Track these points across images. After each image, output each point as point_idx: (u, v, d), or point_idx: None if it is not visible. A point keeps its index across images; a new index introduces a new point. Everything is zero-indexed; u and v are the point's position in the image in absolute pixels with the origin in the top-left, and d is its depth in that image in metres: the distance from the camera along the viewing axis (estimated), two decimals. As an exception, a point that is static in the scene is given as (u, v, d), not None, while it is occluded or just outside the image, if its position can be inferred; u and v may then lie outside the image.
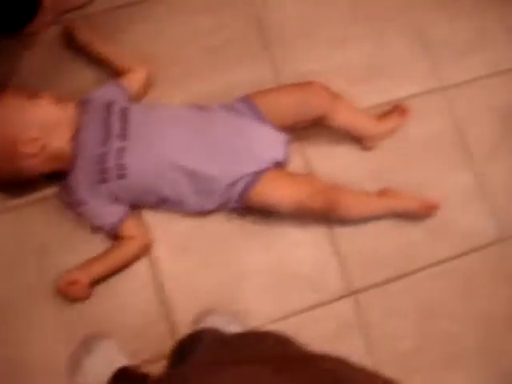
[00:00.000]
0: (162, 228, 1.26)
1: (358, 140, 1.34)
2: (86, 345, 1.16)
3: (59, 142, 1.18)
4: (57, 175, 1.22)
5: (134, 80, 1.28)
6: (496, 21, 1.52)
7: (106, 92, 1.25)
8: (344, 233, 1.31)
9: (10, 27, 1.23)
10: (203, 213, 1.26)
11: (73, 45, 1.30)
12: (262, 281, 1.27)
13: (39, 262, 1.22)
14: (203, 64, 1.36)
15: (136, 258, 1.23)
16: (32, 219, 1.24)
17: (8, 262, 1.22)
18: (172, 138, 1.18)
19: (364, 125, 1.31)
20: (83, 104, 1.23)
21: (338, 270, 1.29)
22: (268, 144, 1.23)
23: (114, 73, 1.28)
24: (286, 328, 1.22)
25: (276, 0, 1.43)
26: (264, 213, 1.26)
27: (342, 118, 1.28)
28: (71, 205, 1.21)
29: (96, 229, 1.22)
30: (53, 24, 1.33)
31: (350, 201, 1.25)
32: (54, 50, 1.33)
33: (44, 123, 1.16)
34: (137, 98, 1.29)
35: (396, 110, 1.37)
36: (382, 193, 1.31)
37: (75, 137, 1.19)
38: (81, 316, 1.20)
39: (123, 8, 1.38)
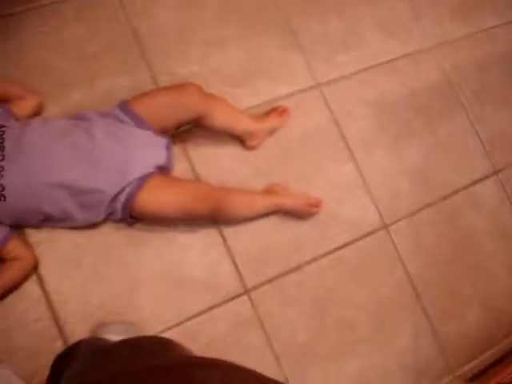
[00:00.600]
0: (47, 245, 1.23)
1: (240, 140, 1.37)
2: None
3: None
4: None
5: (24, 107, 1.24)
6: (365, 18, 1.59)
7: None
8: (233, 232, 1.32)
9: None
10: (89, 224, 1.23)
11: None
12: (156, 288, 1.26)
13: None
14: (80, 73, 1.34)
15: (23, 278, 1.19)
16: None
17: None
18: (51, 154, 1.15)
19: (241, 123, 1.33)
20: None
21: (231, 269, 1.31)
22: (148, 149, 1.23)
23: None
24: (184, 332, 1.25)
25: (147, 6, 1.43)
26: (151, 220, 1.25)
27: (219, 117, 1.29)
28: None
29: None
30: None
31: (236, 202, 1.27)
32: None
33: None
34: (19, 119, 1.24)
35: (275, 110, 1.40)
36: (268, 191, 1.34)
37: None
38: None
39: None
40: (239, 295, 1.31)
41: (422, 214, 1.49)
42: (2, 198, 1.12)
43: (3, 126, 1.16)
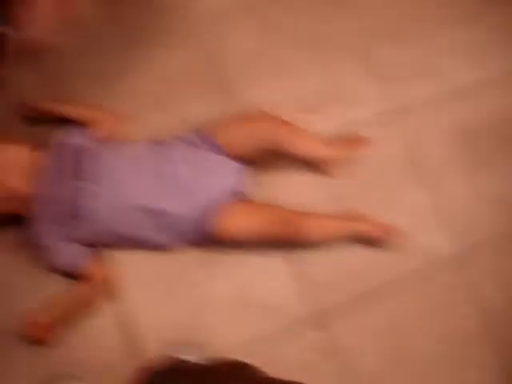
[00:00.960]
0: (124, 264, 1.27)
1: (315, 166, 1.37)
2: (57, 384, 1.16)
3: (14, 183, 1.18)
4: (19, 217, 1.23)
5: (103, 130, 1.29)
6: (443, 45, 1.57)
7: (71, 137, 1.26)
8: (305, 256, 1.32)
9: None
10: (165, 248, 1.27)
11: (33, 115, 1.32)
12: (227, 309, 1.28)
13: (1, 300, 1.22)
14: (158, 98, 1.39)
15: (98, 296, 1.24)
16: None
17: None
18: (132, 179, 1.20)
19: (316, 150, 1.34)
20: (46, 147, 1.24)
21: (301, 293, 1.31)
22: (224, 174, 1.25)
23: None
24: (251, 355, 1.23)
25: (224, 33, 1.47)
26: (226, 243, 1.27)
27: (295, 144, 1.30)
28: (32, 245, 1.22)
29: (56, 269, 1.22)
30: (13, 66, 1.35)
31: (311, 225, 1.27)
32: (15, 94, 1.34)
33: (1, 163, 1.17)
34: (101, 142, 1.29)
35: (351, 137, 1.40)
36: (344, 216, 1.33)
37: (36, 179, 1.19)
38: (48, 357, 1.19)
39: (79, 50, 1.40)
40: (308, 320, 1.30)
41: (499, 243, 1.44)
42: (84, 218, 1.18)
43: (88, 150, 1.22)
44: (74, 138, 1.26)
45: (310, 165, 1.37)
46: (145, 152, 1.25)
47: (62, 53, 1.39)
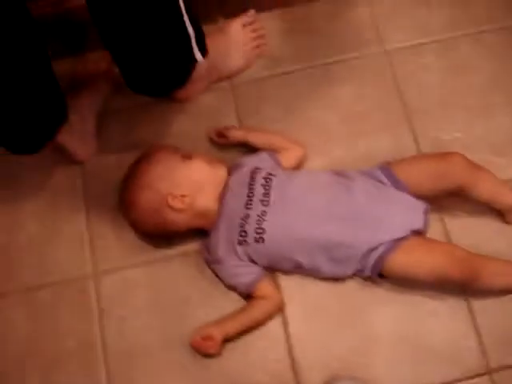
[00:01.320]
0: (295, 289, 1.28)
1: (500, 213, 1.31)
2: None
3: (206, 200, 1.25)
4: (200, 231, 1.29)
5: (289, 157, 1.33)
6: None
7: (257, 159, 1.31)
8: (483, 306, 1.25)
9: (163, 90, 1.32)
10: (337, 278, 1.26)
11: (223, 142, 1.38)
12: (394, 350, 1.24)
13: (177, 313, 1.28)
14: (344, 131, 1.41)
15: (268, 318, 1.25)
16: (174, 272, 1.30)
17: (148, 311, 1.28)
18: (311, 205, 1.22)
19: (506, 198, 1.27)
20: (233, 168, 1.30)
21: (475, 345, 1.23)
22: (406, 212, 1.23)
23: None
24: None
25: (416, 70, 1.46)
26: (398, 281, 1.24)
27: (483, 190, 1.25)
28: (209, 262, 1.27)
29: (231, 287, 1.27)
30: (205, 91, 1.44)
31: (492, 270, 1.21)
32: (204, 116, 1.43)
33: (194, 181, 1.24)
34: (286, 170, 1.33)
35: None
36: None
37: (221, 197, 1.25)
38: (212, 371, 1.23)
39: (270, 78, 1.46)
40: (481, 374, 1.22)
41: None
42: (261, 240, 1.21)
43: (272, 175, 1.26)
44: (262, 162, 1.30)
45: (495, 212, 1.31)
46: (327, 181, 1.26)
47: (252, 81, 1.46)
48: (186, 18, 1.14)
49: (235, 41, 1.43)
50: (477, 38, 1.49)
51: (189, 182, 1.24)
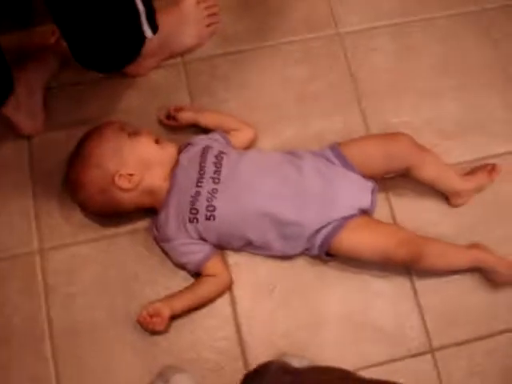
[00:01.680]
0: (244, 267, 1.29)
1: (445, 195, 1.34)
2: (163, 376, 1.19)
3: (155, 179, 1.24)
4: (149, 210, 1.28)
5: (240, 138, 1.33)
6: None
7: (208, 139, 1.31)
8: (426, 286, 1.29)
9: (111, 65, 1.29)
10: (286, 257, 1.27)
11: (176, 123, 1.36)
12: (339, 329, 1.26)
13: (124, 290, 1.27)
14: (296, 111, 1.41)
15: (217, 295, 1.26)
16: (122, 249, 1.29)
17: (95, 288, 1.27)
18: (262, 184, 1.22)
19: (450, 181, 1.31)
20: (183, 146, 1.29)
21: (418, 324, 1.27)
22: (355, 191, 1.25)
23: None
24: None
25: (368, 53, 1.47)
26: (346, 260, 1.26)
27: (429, 171, 1.28)
28: (159, 240, 1.27)
29: (180, 265, 1.26)
30: (156, 67, 1.42)
31: (436, 251, 1.24)
32: (154, 93, 1.41)
33: (142, 160, 1.23)
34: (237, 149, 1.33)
35: (485, 167, 1.35)
36: (471, 246, 1.29)
37: (170, 175, 1.24)
38: (159, 347, 1.23)
39: (220, 57, 1.45)
40: (423, 353, 1.26)
41: None
42: (212, 218, 1.21)
43: (223, 153, 1.25)
44: (213, 142, 1.30)
45: (440, 194, 1.34)
46: (277, 160, 1.27)
47: (205, 58, 1.45)
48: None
49: (189, 18, 1.41)
50: (428, 24, 1.51)
51: (136, 161, 1.22)
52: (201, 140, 1.30)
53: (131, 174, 1.21)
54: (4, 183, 1.34)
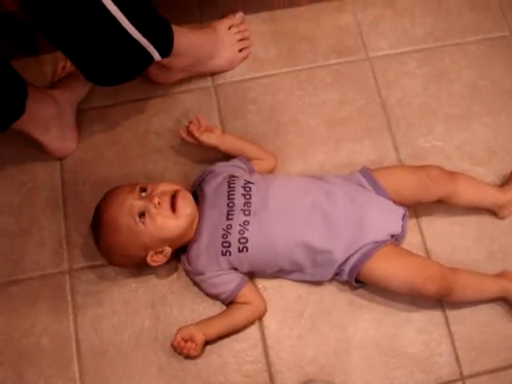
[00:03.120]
0: (273, 292, 1.28)
1: (492, 212, 1.33)
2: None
3: (184, 239, 1.22)
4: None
5: (261, 167, 1.32)
6: None
7: (231, 166, 1.30)
8: (457, 315, 1.27)
9: (118, 81, 1.24)
10: (315, 282, 1.27)
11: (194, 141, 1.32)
12: (368, 356, 1.25)
13: (152, 313, 1.27)
14: (326, 135, 1.41)
15: (251, 323, 1.25)
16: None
17: (124, 309, 1.28)
18: (292, 212, 1.21)
19: (491, 197, 1.30)
20: (204, 174, 1.29)
21: (449, 352, 1.25)
22: (385, 217, 1.24)
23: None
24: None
25: (399, 78, 1.47)
26: (376, 287, 1.25)
27: (466, 196, 1.28)
28: (190, 273, 1.26)
29: (213, 296, 1.26)
30: (184, 79, 1.43)
31: (466, 284, 1.23)
32: (185, 115, 1.42)
33: (165, 239, 1.19)
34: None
35: None
36: (500, 275, 1.27)
37: (200, 210, 1.23)
38: (187, 371, 1.23)
39: (252, 81, 1.46)
40: (453, 381, 1.24)
41: None
42: (245, 250, 1.20)
43: (250, 183, 1.24)
44: (236, 170, 1.29)
45: (475, 216, 1.34)
46: (306, 186, 1.26)
47: (236, 82, 1.46)
48: (130, 29, 1.08)
49: (222, 41, 1.42)
50: (459, 48, 1.51)
51: (160, 240, 1.19)
52: (224, 167, 1.29)
53: (162, 250, 1.21)
54: (36, 203, 1.35)
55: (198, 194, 1.27)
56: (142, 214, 1.16)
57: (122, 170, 1.38)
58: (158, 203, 1.16)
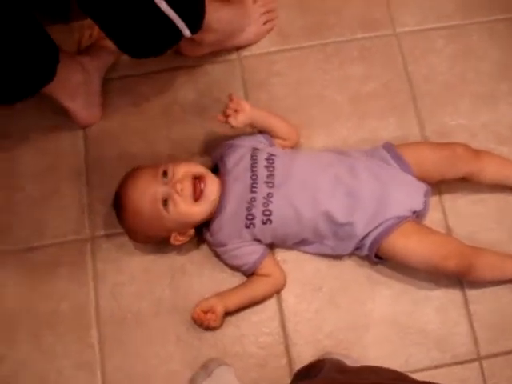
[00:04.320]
0: (291, 265, 1.28)
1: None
2: (206, 368, 1.19)
3: (205, 216, 1.22)
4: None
5: (283, 145, 1.30)
6: None
7: (253, 140, 1.29)
8: (477, 294, 1.26)
9: (150, 53, 1.23)
10: (335, 256, 1.27)
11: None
12: (386, 332, 1.25)
13: (172, 282, 1.28)
14: (351, 110, 1.40)
15: (271, 295, 1.26)
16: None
17: (143, 278, 1.29)
18: (316, 184, 1.20)
19: None
20: (226, 148, 1.28)
21: (467, 332, 1.25)
22: (408, 193, 1.23)
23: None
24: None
25: (425, 55, 1.45)
26: (395, 263, 1.25)
27: (491, 174, 1.27)
28: (212, 244, 1.26)
29: (234, 267, 1.27)
30: (211, 53, 1.43)
31: (487, 263, 1.22)
32: (210, 87, 1.42)
33: (188, 222, 1.21)
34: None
35: None
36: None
37: (223, 183, 1.22)
38: (204, 340, 1.24)
39: (277, 53, 1.45)
40: (470, 361, 1.24)
41: None
42: (269, 222, 1.20)
43: (273, 155, 1.24)
44: (257, 143, 1.28)
45: (498, 195, 1.32)
46: (329, 160, 1.25)
47: (261, 55, 1.45)
48: (163, 5, 1.07)
49: (248, 14, 1.41)
50: (487, 26, 1.48)
51: (183, 224, 1.20)
52: (246, 141, 1.28)
53: (185, 232, 1.22)
54: (59, 170, 1.36)
55: (219, 167, 1.27)
56: (165, 200, 1.16)
57: (146, 140, 1.38)
58: (181, 190, 1.16)
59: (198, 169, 1.21)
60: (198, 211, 1.18)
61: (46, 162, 1.37)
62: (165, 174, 1.18)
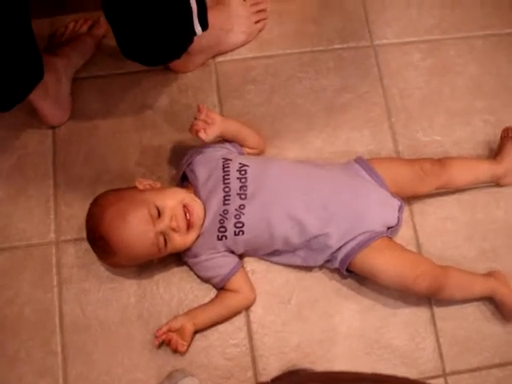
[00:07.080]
0: (260, 276, 1.27)
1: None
2: (171, 379, 1.18)
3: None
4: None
5: (250, 153, 1.29)
6: None
7: (221, 148, 1.26)
8: (443, 311, 1.27)
9: (157, 59, 1.24)
10: (305, 267, 1.26)
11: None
12: (352, 346, 1.24)
13: (139, 289, 1.26)
14: (325, 122, 1.39)
15: (240, 311, 1.24)
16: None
17: (109, 285, 1.26)
18: (289, 195, 1.19)
19: (487, 172, 1.31)
20: (194, 154, 1.25)
21: (433, 348, 1.25)
22: (382, 207, 1.23)
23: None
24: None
25: (402, 68, 1.45)
26: (365, 278, 1.24)
27: (462, 179, 1.30)
28: (184, 256, 1.24)
29: (205, 280, 1.25)
30: (201, 66, 1.41)
31: (455, 283, 1.22)
32: (184, 91, 1.40)
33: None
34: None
35: (505, 138, 1.33)
36: (489, 274, 1.27)
37: (195, 194, 1.21)
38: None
39: (254, 60, 1.44)
40: (435, 377, 1.24)
41: None
42: (241, 233, 1.19)
43: (246, 165, 1.22)
44: (228, 152, 1.26)
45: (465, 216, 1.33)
46: (303, 171, 1.24)
47: (237, 61, 1.43)
48: None
49: (238, 15, 1.40)
50: (465, 43, 1.49)
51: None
52: (214, 150, 1.25)
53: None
54: (26, 170, 1.33)
55: (189, 177, 1.24)
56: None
57: (116, 142, 1.35)
58: (177, 226, 1.15)
59: (183, 196, 1.18)
60: (190, 240, 1.18)
61: (13, 161, 1.34)
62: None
